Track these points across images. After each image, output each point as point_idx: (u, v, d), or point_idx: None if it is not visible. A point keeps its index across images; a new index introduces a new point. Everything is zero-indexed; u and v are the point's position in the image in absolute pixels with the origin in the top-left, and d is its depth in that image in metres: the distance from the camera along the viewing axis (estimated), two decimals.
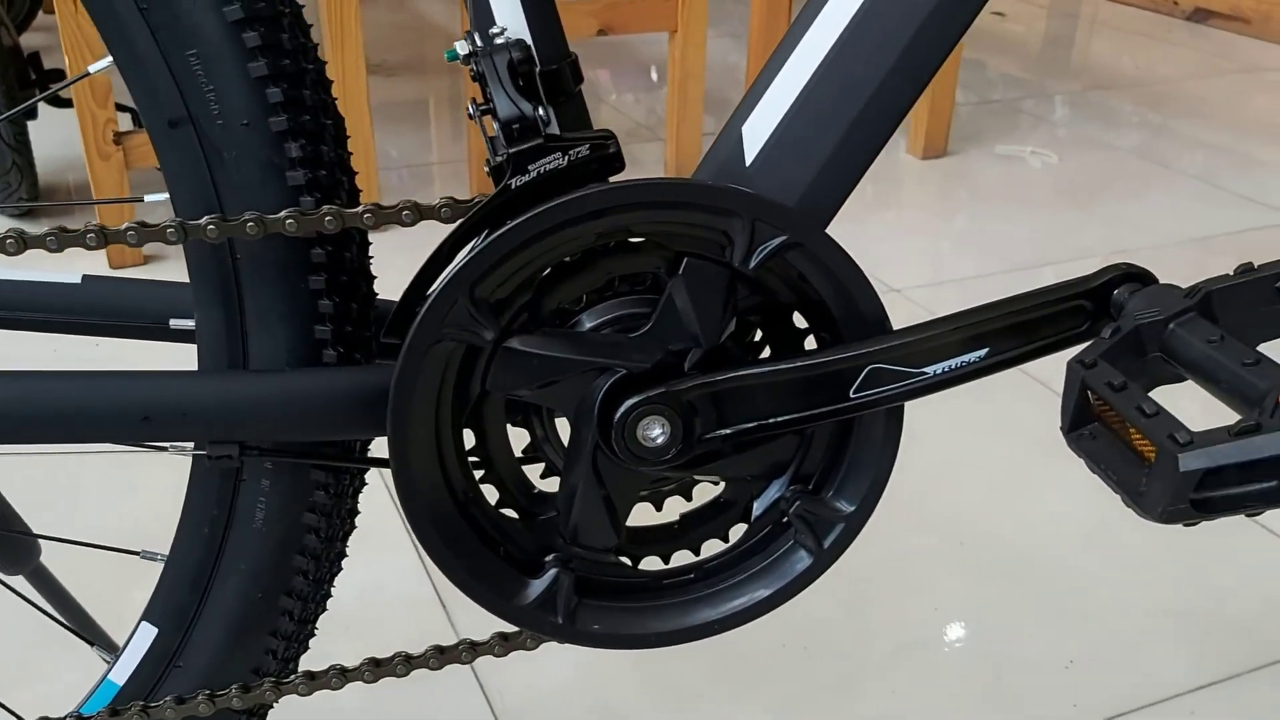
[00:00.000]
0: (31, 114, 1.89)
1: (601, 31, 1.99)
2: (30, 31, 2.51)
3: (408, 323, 0.57)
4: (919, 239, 1.94)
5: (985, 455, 1.38)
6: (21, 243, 0.56)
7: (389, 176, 2.11)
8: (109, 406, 0.57)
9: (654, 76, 2.92)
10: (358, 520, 0.70)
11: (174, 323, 0.64)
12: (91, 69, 0.67)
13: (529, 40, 0.59)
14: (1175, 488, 0.45)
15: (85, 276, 0.69)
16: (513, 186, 0.56)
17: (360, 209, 0.57)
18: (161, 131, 0.58)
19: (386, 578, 1.15)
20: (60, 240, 0.57)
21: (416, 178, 2.18)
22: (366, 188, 1.84)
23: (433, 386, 0.58)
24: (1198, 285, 0.53)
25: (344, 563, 0.70)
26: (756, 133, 0.61)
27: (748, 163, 0.61)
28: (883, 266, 1.78)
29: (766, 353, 0.63)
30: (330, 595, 0.71)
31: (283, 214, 0.56)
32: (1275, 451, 0.45)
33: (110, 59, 0.57)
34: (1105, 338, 0.53)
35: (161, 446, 0.63)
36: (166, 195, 0.60)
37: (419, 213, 0.57)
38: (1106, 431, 0.51)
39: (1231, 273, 0.54)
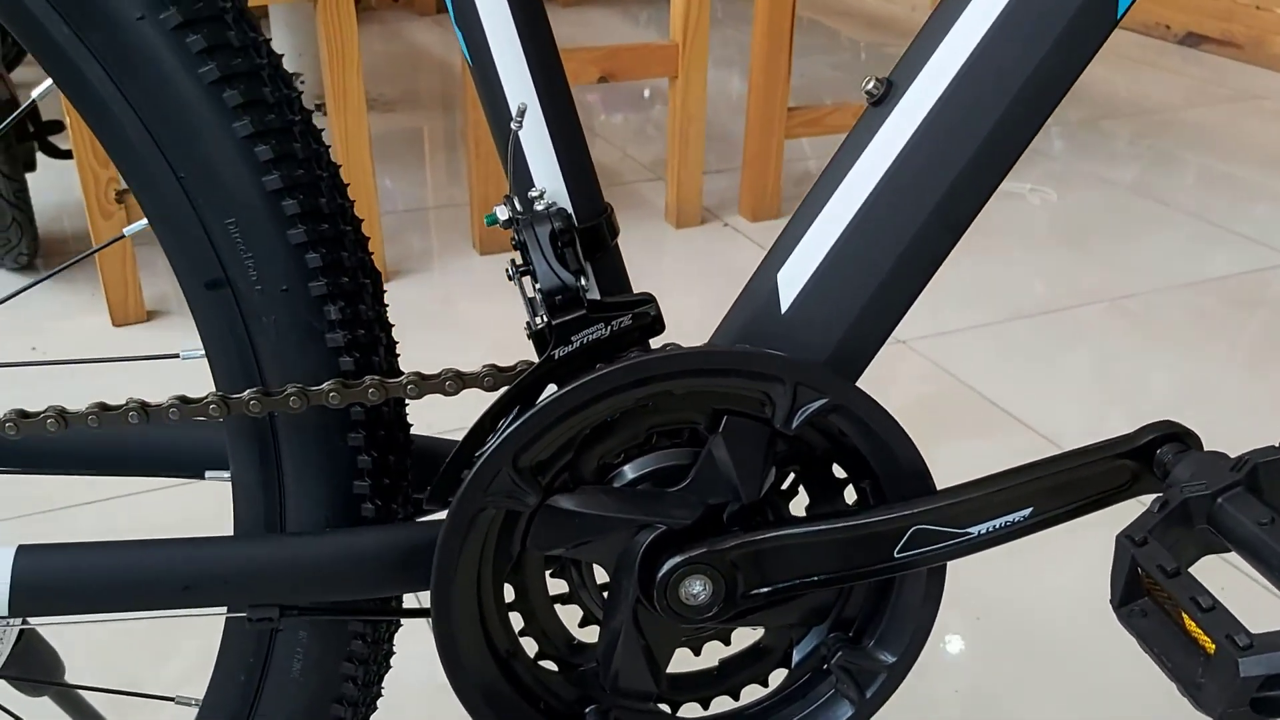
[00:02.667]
0: (30, 166, 1.87)
1: (602, 79, 1.99)
2: (24, 65, 2.49)
3: (452, 488, 0.57)
4: None
5: None
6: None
7: (390, 221, 2.10)
8: (149, 577, 0.57)
9: (646, 95, 2.92)
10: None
11: (210, 475, 0.64)
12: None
13: (568, 200, 0.59)
14: (1235, 692, 0.45)
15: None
16: (556, 357, 0.55)
17: (404, 380, 0.56)
18: (198, 292, 0.57)
19: None
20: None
21: (417, 222, 2.17)
22: (370, 235, 1.83)
23: (475, 549, 0.58)
24: (1244, 457, 0.53)
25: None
26: (792, 280, 0.61)
27: (783, 310, 0.61)
28: None
29: (804, 499, 0.63)
30: None
31: (325, 386, 0.55)
32: None
33: None
34: (1154, 512, 0.53)
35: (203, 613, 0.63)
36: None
37: (461, 381, 0.57)
38: (1158, 610, 0.51)
39: (1277, 444, 0.54)
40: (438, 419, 0.71)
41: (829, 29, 3.76)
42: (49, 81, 0.56)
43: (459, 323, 1.80)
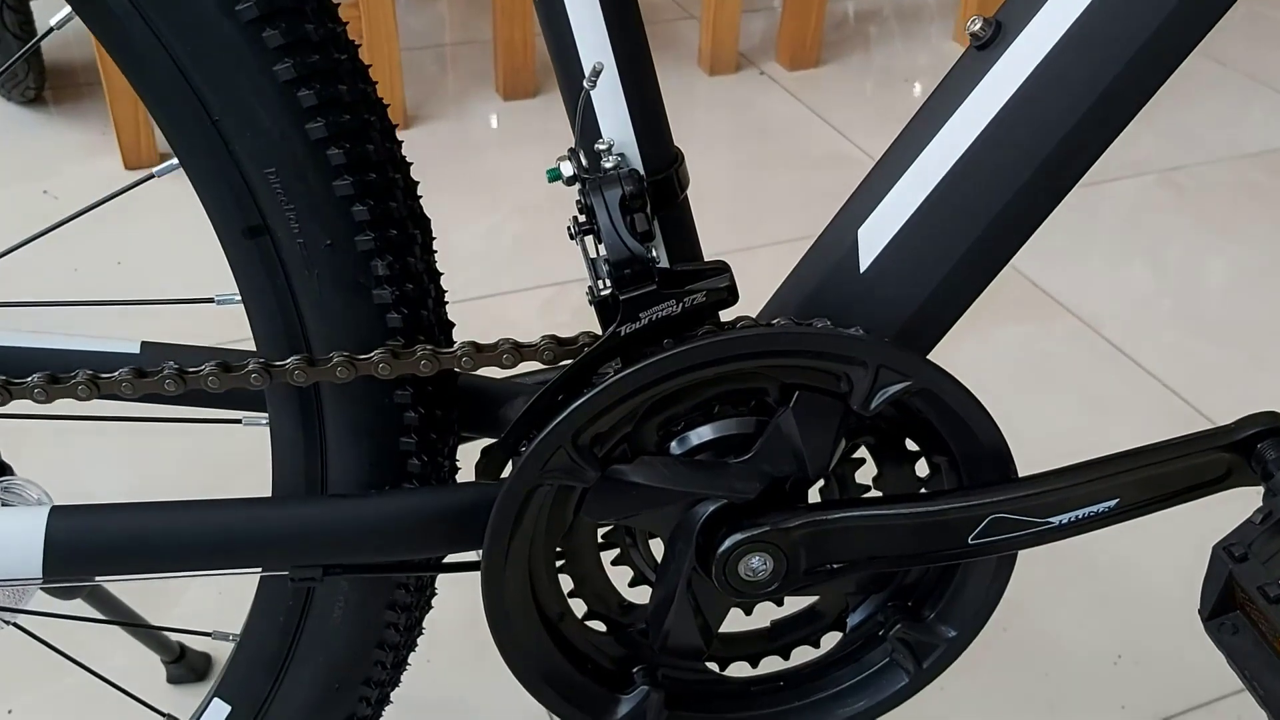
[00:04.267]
0: None
1: None
2: None
3: (511, 457, 0.54)
4: None
5: (1033, 416, 1.36)
6: None
7: (408, 59, 2.01)
8: (186, 539, 0.54)
9: None
10: None
11: (246, 420, 0.61)
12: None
13: (636, 151, 0.53)
14: None
15: (144, 344, 0.65)
16: (623, 334, 0.51)
17: (457, 349, 0.52)
18: (235, 240, 0.53)
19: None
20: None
21: (436, 60, 2.07)
22: (389, 74, 1.75)
23: (530, 522, 0.55)
24: None
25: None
26: (873, 238, 0.56)
27: (862, 269, 0.57)
28: None
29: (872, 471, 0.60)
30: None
31: (375, 356, 0.51)
32: None
33: None
34: (1255, 523, 0.50)
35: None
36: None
37: (519, 354, 0.53)
38: (1251, 629, 0.49)
39: None
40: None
41: None
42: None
43: (481, 178, 1.74)
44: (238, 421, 0.61)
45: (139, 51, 0.48)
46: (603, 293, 0.52)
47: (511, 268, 1.52)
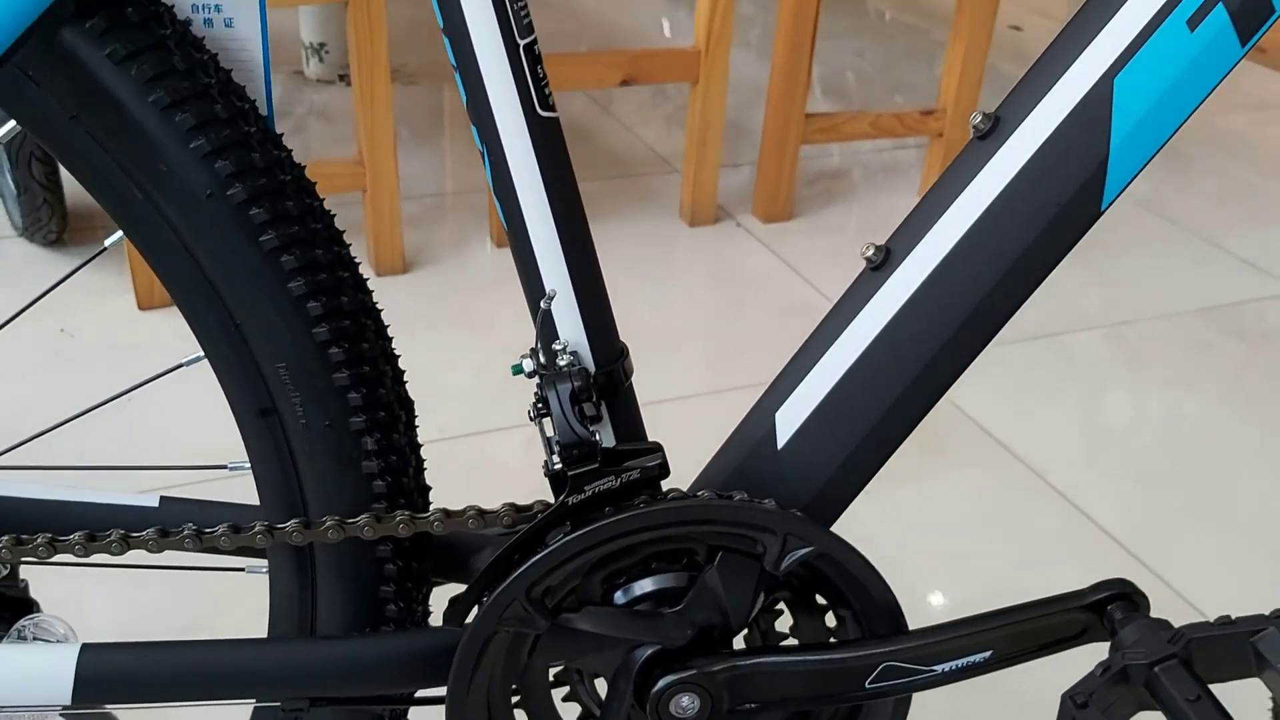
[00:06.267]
0: None
1: (625, 82, 2.02)
2: None
3: (470, 607, 0.63)
4: None
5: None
6: None
7: (409, 206, 2.15)
8: (197, 674, 0.63)
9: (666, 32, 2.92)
10: None
11: (248, 568, 0.70)
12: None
13: (588, 349, 0.64)
14: None
15: (163, 499, 0.74)
16: (570, 504, 0.61)
17: (430, 515, 0.62)
18: (248, 419, 0.63)
19: None
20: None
21: (434, 209, 2.21)
22: (390, 222, 1.88)
23: (488, 663, 0.64)
24: (1181, 631, 0.60)
25: None
26: (789, 420, 0.67)
27: (779, 447, 0.67)
28: None
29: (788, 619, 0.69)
30: None
31: (360, 520, 0.61)
32: None
33: None
34: (1097, 675, 0.59)
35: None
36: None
37: (483, 519, 0.63)
38: None
39: (1212, 620, 0.60)
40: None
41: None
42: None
43: (473, 320, 1.86)
44: (241, 569, 0.71)
45: (178, 273, 0.59)
46: (555, 468, 0.62)
47: (499, 405, 1.62)
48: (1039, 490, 1.54)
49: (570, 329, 0.64)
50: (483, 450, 1.56)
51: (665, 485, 0.66)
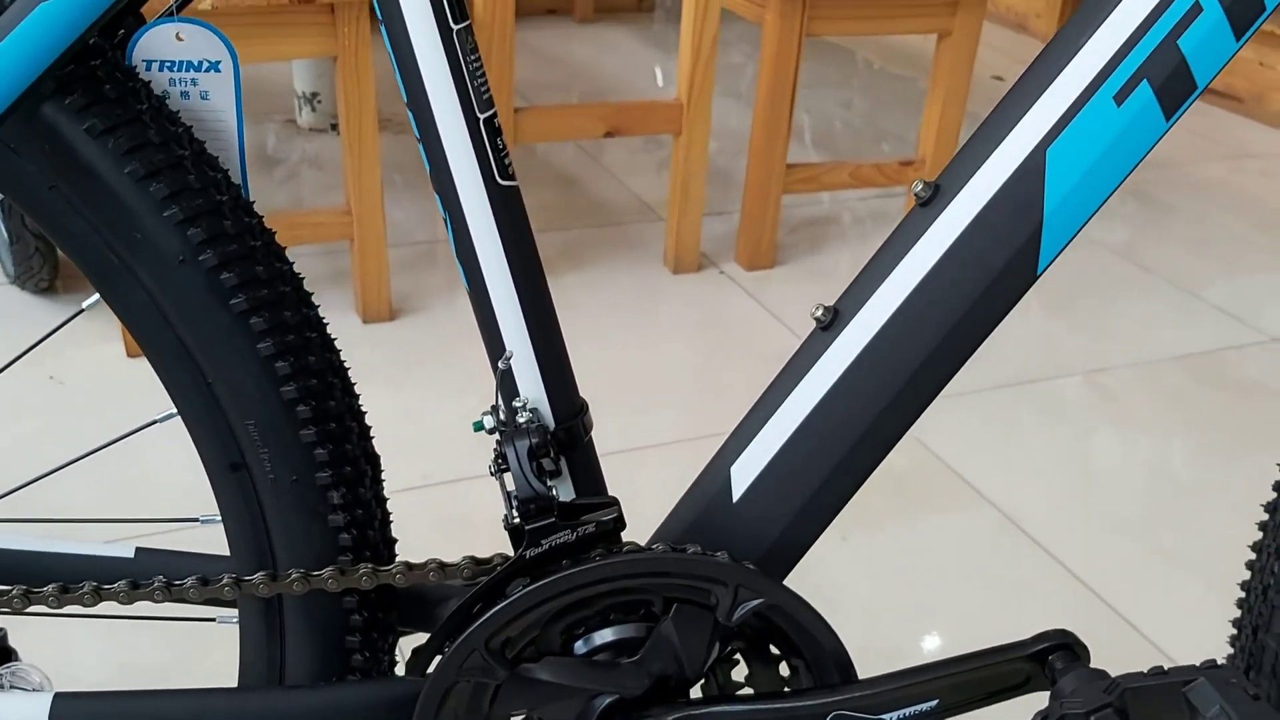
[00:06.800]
0: None
1: (609, 133, 2.06)
2: None
3: (432, 658, 0.65)
4: None
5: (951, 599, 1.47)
6: None
7: (398, 253, 2.18)
8: None
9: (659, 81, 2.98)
10: None
11: (219, 619, 0.72)
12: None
13: (547, 405, 0.67)
14: None
15: (139, 550, 0.77)
16: (527, 557, 0.64)
17: (393, 568, 0.64)
18: (219, 472, 0.66)
19: None
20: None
21: (421, 257, 2.25)
22: (377, 270, 1.91)
23: (449, 712, 0.66)
24: (1117, 681, 0.62)
25: None
26: (744, 474, 0.69)
27: (734, 500, 0.69)
28: None
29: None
30: None
31: (325, 573, 0.64)
32: None
33: None
34: None
35: None
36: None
37: (444, 572, 0.65)
38: None
39: (1146, 671, 0.62)
40: None
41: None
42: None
43: (458, 367, 1.88)
44: (212, 620, 0.73)
45: (152, 333, 0.61)
46: (514, 522, 0.65)
47: (484, 452, 1.64)
48: (1014, 537, 1.56)
49: (530, 386, 0.66)
50: (467, 497, 1.58)
51: (636, 536, 0.68)
